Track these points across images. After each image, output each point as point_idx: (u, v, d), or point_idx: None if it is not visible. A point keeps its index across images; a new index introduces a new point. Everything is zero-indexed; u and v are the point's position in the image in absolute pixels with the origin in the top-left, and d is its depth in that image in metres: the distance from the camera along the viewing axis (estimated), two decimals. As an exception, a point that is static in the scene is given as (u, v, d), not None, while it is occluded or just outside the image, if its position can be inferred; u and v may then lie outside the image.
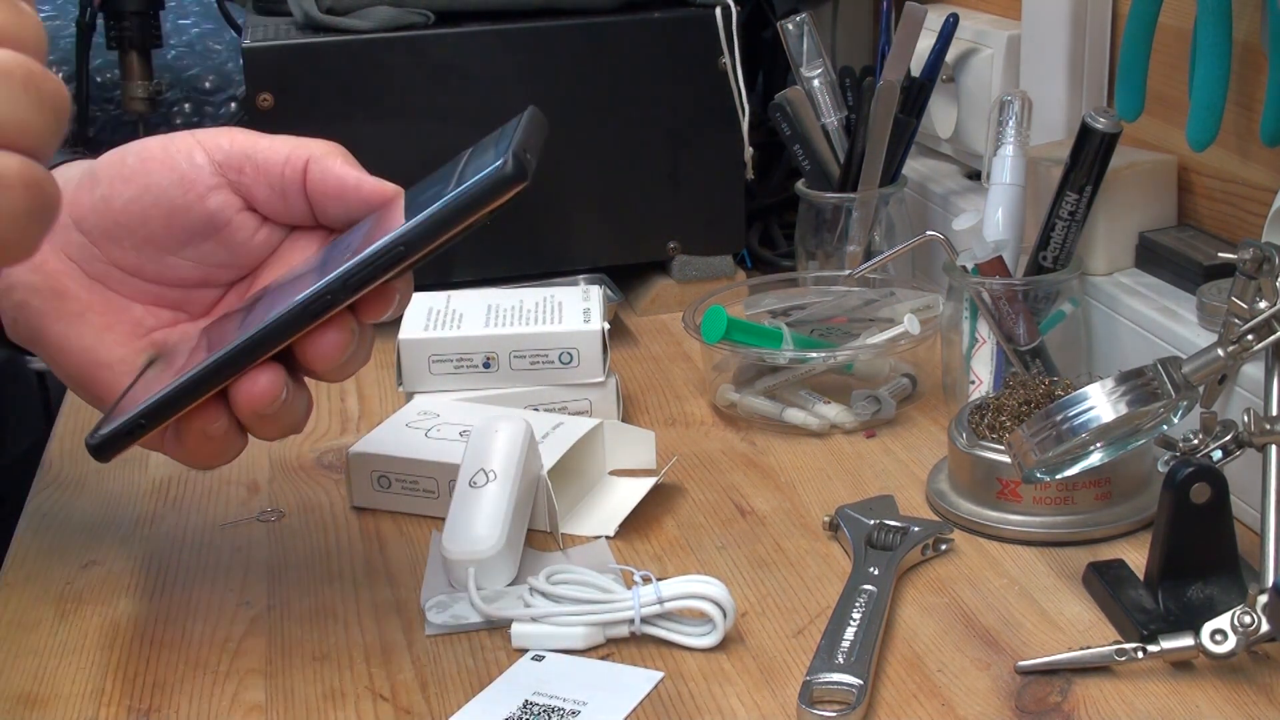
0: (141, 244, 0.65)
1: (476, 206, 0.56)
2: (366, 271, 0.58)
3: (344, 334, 0.60)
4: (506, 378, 0.86)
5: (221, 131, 0.66)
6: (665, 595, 0.64)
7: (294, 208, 0.65)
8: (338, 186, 0.64)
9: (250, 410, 0.60)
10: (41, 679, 0.65)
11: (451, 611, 0.67)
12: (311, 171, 0.64)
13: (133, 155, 0.65)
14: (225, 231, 0.65)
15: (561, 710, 0.60)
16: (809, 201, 1.00)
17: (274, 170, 0.64)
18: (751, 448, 0.85)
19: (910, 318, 0.87)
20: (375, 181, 0.64)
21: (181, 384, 0.59)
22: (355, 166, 0.65)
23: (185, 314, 0.67)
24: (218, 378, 0.59)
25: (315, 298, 0.58)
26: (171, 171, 0.64)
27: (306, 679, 0.64)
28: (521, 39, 1.01)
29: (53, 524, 0.79)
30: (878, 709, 0.60)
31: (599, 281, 1.01)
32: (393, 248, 0.57)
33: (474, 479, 0.70)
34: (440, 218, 0.57)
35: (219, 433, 0.61)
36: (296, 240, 0.66)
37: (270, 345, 0.59)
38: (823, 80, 1.00)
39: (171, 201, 0.64)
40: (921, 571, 0.70)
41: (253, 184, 0.65)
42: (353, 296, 0.58)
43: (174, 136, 0.66)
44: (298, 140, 0.65)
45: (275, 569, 0.73)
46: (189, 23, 1.61)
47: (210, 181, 0.64)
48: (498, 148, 0.57)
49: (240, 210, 0.65)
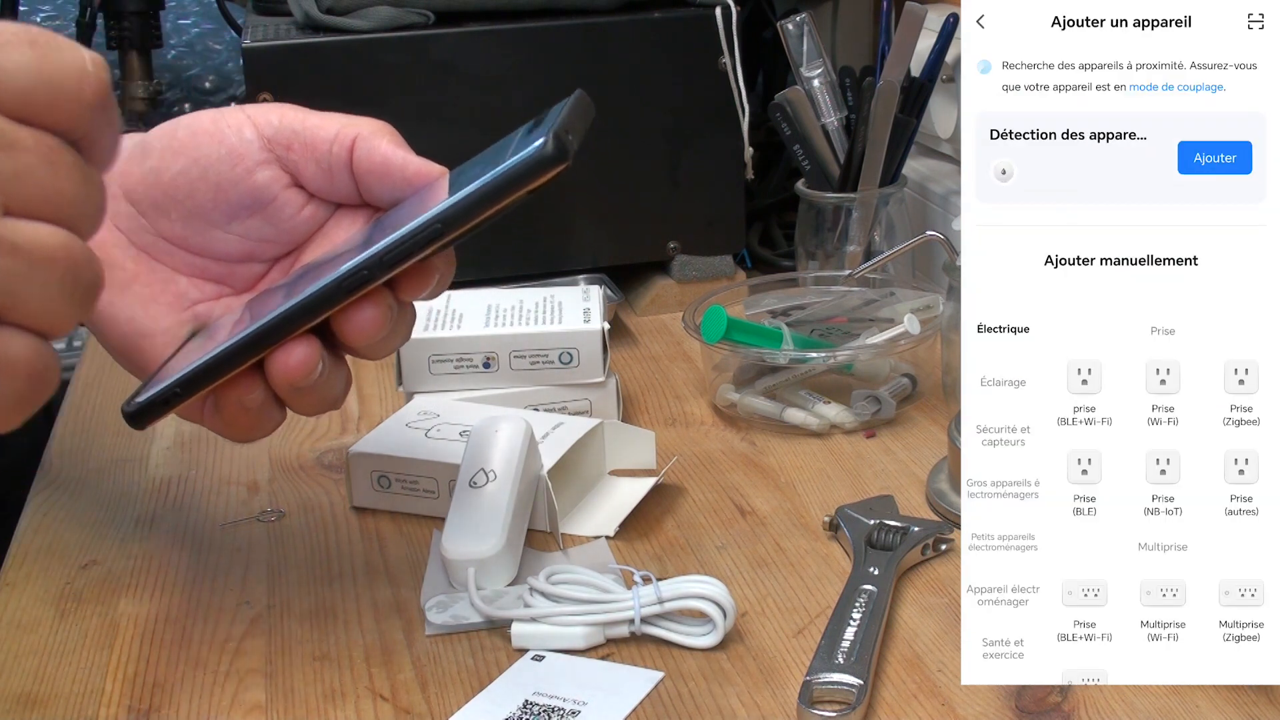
0: (188, 216, 0.65)
1: (515, 186, 0.57)
2: (403, 248, 0.58)
3: (382, 310, 0.60)
4: (506, 378, 0.86)
5: (272, 107, 0.66)
6: (665, 595, 0.64)
7: (340, 185, 0.65)
8: (383, 165, 0.64)
9: (286, 382, 0.60)
10: (41, 679, 0.65)
11: (451, 611, 0.67)
12: (359, 149, 0.64)
13: (183, 128, 0.66)
14: (271, 207, 0.65)
15: (561, 710, 0.60)
16: (809, 201, 1.00)
17: (321, 147, 0.64)
18: (751, 448, 0.85)
19: (910, 318, 0.87)
20: (421, 161, 0.64)
21: (218, 354, 0.59)
22: (402, 146, 0.65)
23: (229, 288, 0.67)
24: (254, 349, 0.59)
25: (352, 273, 0.58)
26: (220, 145, 0.65)
27: (306, 679, 0.64)
28: (521, 39, 1.01)
29: (53, 524, 0.79)
30: (878, 709, 0.60)
31: (599, 281, 1.01)
32: (429, 225, 0.57)
33: (474, 479, 0.70)
34: (478, 196, 0.57)
35: (255, 404, 0.61)
36: (342, 218, 0.67)
37: (306, 318, 0.59)
38: (823, 80, 1.00)
39: (220, 175, 0.64)
40: (921, 571, 0.70)
41: (300, 160, 0.65)
42: (389, 273, 0.58)
43: (225, 111, 0.66)
44: (347, 118, 0.65)
45: (275, 569, 0.73)
46: (189, 23, 1.62)
47: (258, 156, 0.65)
48: (541, 129, 0.58)
49: (287, 186, 0.65)
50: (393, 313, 0.60)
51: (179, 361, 0.62)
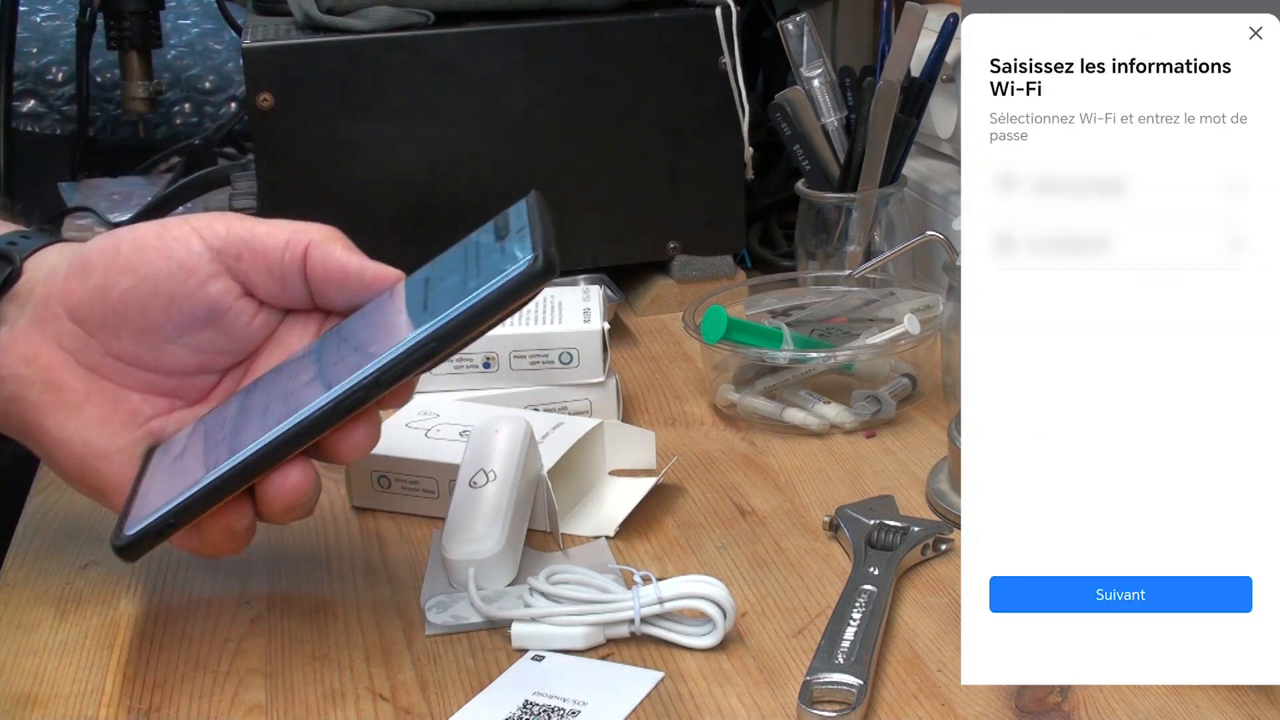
0: (140, 333, 0.65)
1: (507, 302, 0.58)
2: (399, 367, 0.59)
3: (374, 425, 0.61)
4: (506, 378, 0.86)
5: (216, 217, 0.66)
6: (665, 595, 0.64)
7: (292, 292, 0.65)
8: (340, 272, 0.64)
9: (283, 505, 0.60)
10: (41, 679, 0.65)
11: (451, 611, 0.67)
12: (312, 257, 0.64)
13: (126, 244, 0.65)
14: (225, 319, 0.65)
15: (561, 710, 0.60)
16: (809, 201, 1.00)
17: (272, 256, 0.64)
18: (751, 448, 0.85)
19: (910, 318, 0.87)
20: (377, 266, 0.64)
21: (212, 482, 0.59)
22: (355, 252, 0.65)
23: (182, 400, 0.67)
24: (250, 474, 0.60)
25: (348, 394, 0.59)
26: (169, 259, 0.64)
27: (306, 679, 0.64)
28: (521, 39, 1.01)
29: (53, 524, 0.79)
30: (878, 709, 0.60)
31: (599, 281, 1.01)
32: (425, 344, 0.58)
33: (474, 479, 0.70)
34: (473, 314, 0.58)
35: (244, 527, 0.61)
36: (293, 324, 0.67)
37: (303, 441, 0.60)
38: (823, 80, 1.00)
39: (171, 290, 0.64)
40: (921, 571, 0.70)
41: (251, 269, 0.65)
42: (384, 391, 0.59)
43: (167, 223, 0.66)
44: (294, 225, 0.65)
45: (275, 569, 0.73)
46: (189, 23, 1.61)
47: (209, 269, 0.64)
48: (517, 240, 0.59)
49: (239, 297, 0.65)
50: (380, 426, 0.61)
51: (159, 487, 0.62)
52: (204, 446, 0.62)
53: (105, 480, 0.64)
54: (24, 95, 1.51)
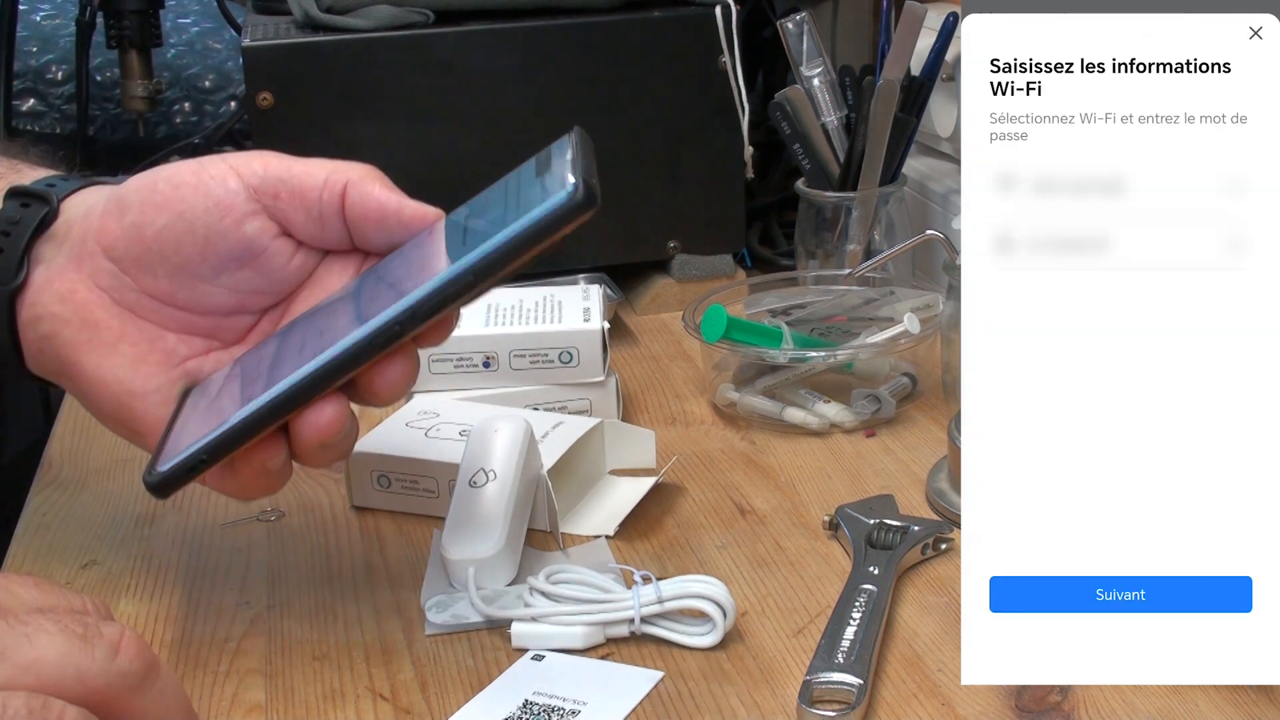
0: (175, 271, 0.64)
1: (546, 235, 0.56)
2: (437, 300, 0.57)
3: (411, 363, 0.60)
4: (506, 377, 0.86)
5: (254, 155, 0.65)
6: (665, 595, 0.64)
7: (331, 232, 0.64)
8: (379, 211, 0.63)
9: (317, 441, 0.59)
10: (41, 679, 0.65)
11: (451, 611, 0.67)
12: (350, 195, 0.63)
13: (163, 181, 0.64)
14: (261, 258, 0.64)
15: (561, 710, 0.60)
16: (809, 200, 1.00)
17: (311, 195, 0.64)
18: (751, 447, 0.85)
19: (910, 317, 0.87)
20: (416, 205, 0.63)
21: (246, 418, 0.58)
22: (394, 190, 0.64)
23: (218, 342, 0.66)
24: (284, 410, 0.59)
25: (385, 328, 0.58)
26: (206, 197, 0.63)
27: (306, 678, 0.64)
28: (521, 39, 1.01)
29: (53, 524, 0.79)
30: (878, 709, 0.60)
31: (599, 281, 1.01)
32: (464, 276, 0.57)
33: (474, 479, 0.70)
34: (511, 245, 0.56)
35: (278, 466, 0.60)
36: (331, 265, 0.66)
37: (338, 376, 0.58)
38: (823, 79, 1.00)
39: (207, 228, 0.63)
40: (921, 571, 0.70)
41: (289, 209, 0.64)
42: (421, 326, 0.58)
43: (205, 161, 0.65)
44: (333, 164, 0.64)
45: (275, 569, 0.73)
46: (189, 21, 1.61)
47: (246, 207, 0.64)
48: (557, 172, 0.58)
49: (276, 236, 0.64)
50: (418, 364, 0.60)
51: (191, 425, 0.61)
52: (240, 386, 0.61)
53: (140, 420, 0.64)
54: (24, 94, 1.51)
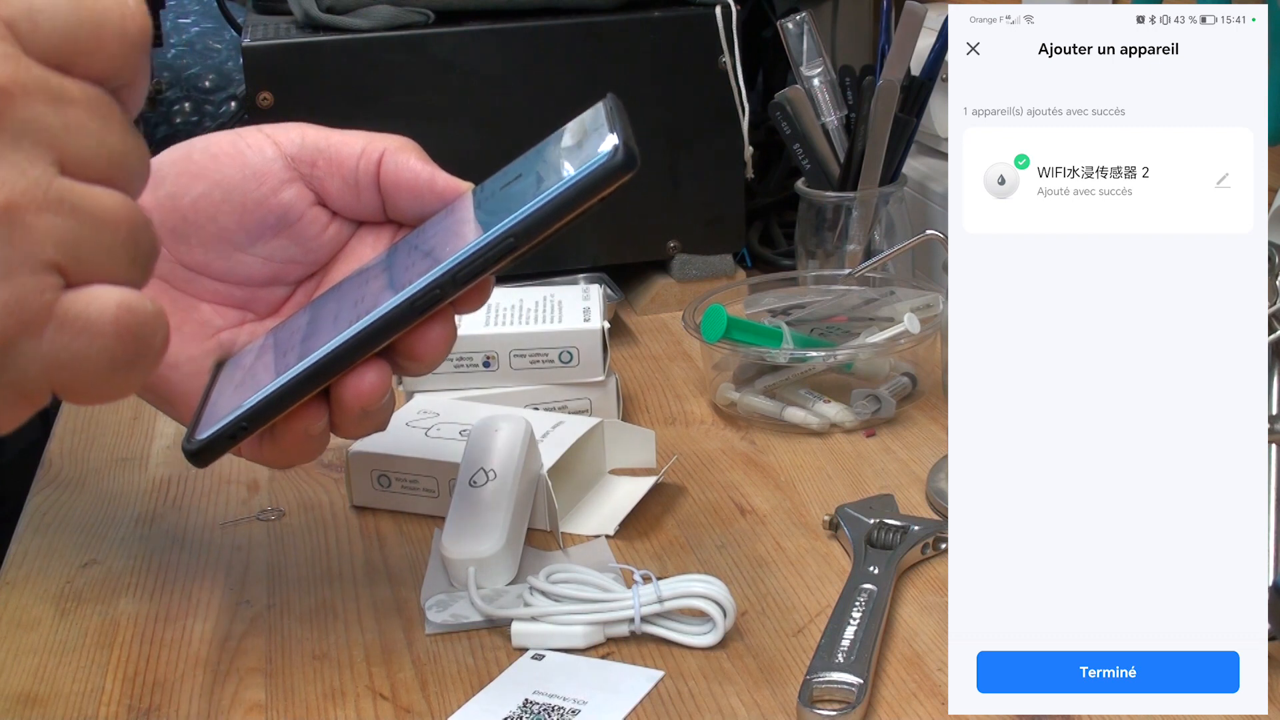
0: (211, 241, 0.64)
1: (587, 196, 0.56)
2: (479, 263, 0.57)
3: (449, 327, 0.59)
4: (506, 377, 0.86)
5: (291, 126, 0.65)
6: (665, 594, 0.64)
7: (366, 202, 0.64)
8: (413, 180, 0.63)
9: (358, 407, 0.59)
10: (41, 678, 0.65)
11: (451, 610, 0.67)
12: (386, 165, 0.63)
13: (199, 151, 0.64)
14: (297, 226, 0.64)
15: (561, 709, 0.60)
16: (809, 200, 1.00)
17: (348, 164, 0.64)
18: (751, 447, 0.85)
19: (910, 316, 0.87)
20: (449, 177, 0.64)
21: (287, 383, 0.58)
22: (429, 162, 0.64)
23: (252, 313, 0.66)
24: (326, 374, 0.58)
25: (424, 292, 0.57)
26: (243, 166, 0.63)
27: (306, 678, 0.64)
28: (521, 39, 1.01)
29: (53, 524, 0.79)
30: (878, 708, 0.60)
31: (599, 280, 1.01)
32: (504, 239, 0.57)
33: (474, 478, 0.70)
34: (551, 208, 0.56)
35: (319, 431, 0.60)
36: (365, 236, 0.66)
37: (378, 340, 0.58)
38: (823, 79, 1.00)
39: (244, 196, 0.63)
40: (921, 571, 0.70)
41: (325, 177, 0.64)
42: (461, 289, 0.57)
43: (242, 131, 0.65)
44: (368, 134, 0.64)
45: (275, 568, 0.73)
46: (189, 21, 1.62)
47: (283, 175, 0.64)
48: (596, 135, 0.58)
49: (312, 205, 0.64)
50: (456, 330, 0.60)
51: (231, 394, 0.60)
52: (274, 356, 0.61)
53: (173, 390, 0.64)
54: (24, 94, 1.50)
